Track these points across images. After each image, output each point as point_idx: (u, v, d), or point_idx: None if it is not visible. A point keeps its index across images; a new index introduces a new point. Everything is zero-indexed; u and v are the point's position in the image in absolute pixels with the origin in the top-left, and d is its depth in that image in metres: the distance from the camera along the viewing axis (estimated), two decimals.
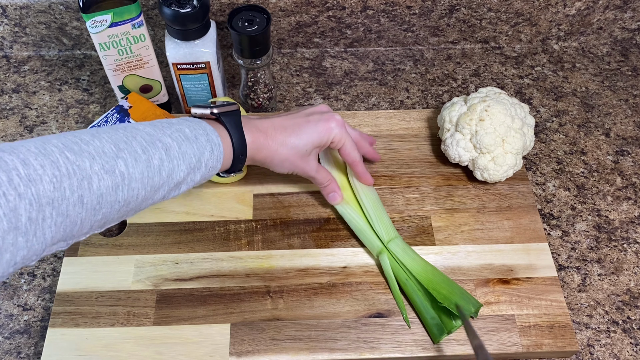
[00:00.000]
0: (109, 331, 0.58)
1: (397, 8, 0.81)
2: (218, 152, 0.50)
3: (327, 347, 0.57)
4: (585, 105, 0.82)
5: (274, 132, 0.56)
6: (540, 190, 0.72)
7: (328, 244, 0.64)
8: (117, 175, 0.42)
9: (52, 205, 0.38)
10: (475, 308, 0.56)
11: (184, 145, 0.47)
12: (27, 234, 0.37)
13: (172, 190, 0.48)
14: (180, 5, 0.63)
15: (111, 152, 0.42)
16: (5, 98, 0.80)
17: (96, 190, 0.40)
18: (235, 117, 0.53)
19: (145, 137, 0.46)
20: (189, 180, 0.48)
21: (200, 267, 0.62)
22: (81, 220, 0.40)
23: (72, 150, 0.40)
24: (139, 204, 0.45)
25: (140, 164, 0.44)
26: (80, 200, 0.40)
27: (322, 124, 0.58)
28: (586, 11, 0.84)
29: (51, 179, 0.38)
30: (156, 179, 0.45)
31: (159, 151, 0.45)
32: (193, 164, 0.48)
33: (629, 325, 0.62)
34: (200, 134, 0.49)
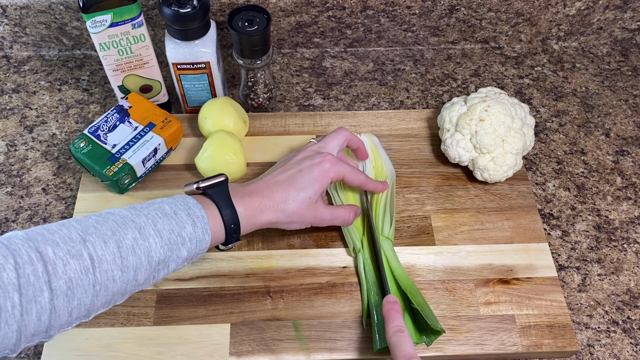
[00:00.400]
0: (108, 331, 0.58)
1: (397, 8, 0.81)
2: (202, 224, 0.49)
3: (327, 347, 0.57)
4: (585, 105, 0.82)
5: (269, 191, 0.54)
6: (540, 190, 0.72)
7: (328, 244, 0.64)
8: (85, 258, 0.42)
9: (20, 291, 0.38)
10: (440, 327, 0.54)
11: (160, 223, 0.46)
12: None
13: (156, 269, 0.47)
14: (180, 5, 0.63)
15: (77, 238, 0.42)
16: (5, 98, 0.80)
17: (62, 275, 0.40)
18: (221, 188, 0.52)
19: (117, 220, 0.45)
20: (175, 256, 0.47)
21: (200, 267, 0.62)
22: (54, 307, 0.40)
23: (35, 240, 0.41)
24: (122, 288, 0.44)
25: (110, 246, 0.43)
26: (48, 285, 0.40)
27: (316, 169, 0.56)
28: (586, 11, 0.84)
29: (14, 266, 0.38)
30: (131, 259, 0.44)
31: (132, 231, 0.45)
32: (173, 240, 0.47)
33: (629, 325, 0.62)
34: (180, 210, 0.48)
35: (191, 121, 0.74)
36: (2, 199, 0.70)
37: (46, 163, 0.73)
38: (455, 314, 0.59)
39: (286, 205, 0.54)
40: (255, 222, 0.54)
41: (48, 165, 0.73)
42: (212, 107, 0.69)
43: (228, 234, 0.51)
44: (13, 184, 0.71)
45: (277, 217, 0.54)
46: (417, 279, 0.62)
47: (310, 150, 0.59)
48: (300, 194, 0.55)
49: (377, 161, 0.68)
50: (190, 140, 0.72)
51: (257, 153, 0.71)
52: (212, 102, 0.69)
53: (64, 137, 0.76)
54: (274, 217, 0.54)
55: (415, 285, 0.59)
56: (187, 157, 0.71)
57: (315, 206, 0.56)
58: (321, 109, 0.80)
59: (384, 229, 0.62)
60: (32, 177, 0.72)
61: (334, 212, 0.58)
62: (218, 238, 0.51)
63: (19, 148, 0.75)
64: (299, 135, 0.73)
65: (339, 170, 0.57)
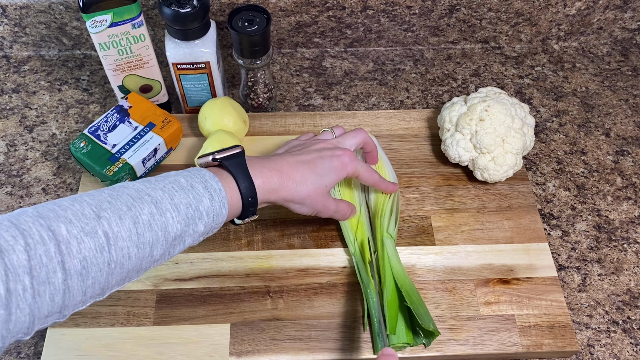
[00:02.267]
0: (108, 331, 0.58)
1: (397, 8, 0.81)
2: (220, 198, 0.47)
3: (327, 347, 0.57)
4: (585, 105, 0.82)
5: (289, 169, 0.54)
6: (540, 190, 0.72)
7: (328, 244, 0.64)
8: (100, 235, 0.40)
9: (31, 274, 0.37)
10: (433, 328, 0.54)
11: (177, 196, 0.45)
12: (9, 306, 0.36)
13: (173, 245, 0.45)
14: (180, 5, 0.63)
15: (91, 214, 0.41)
16: (5, 98, 0.80)
17: (77, 254, 0.39)
18: (239, 160, 0.51)
19: (132, 194, 0.44)
20: (191, 231, 0.46)
21: (200, 267, 0.62)
22: (68, 287, 0.39)
23: (47, 217, 0.40)
24: (137, 265, 0.43)
25: (125, 221, 0.42)
26: (61, 265, 0.38)
27: (336, 160, 0.56)
28: (586, 11, 0.84)
29: (24, 247, 0.37)
30: (147, 235, 0.43)
31: (148, 205, 0.43)
32: (190, 214, 0.45)
33: (629, 325, 0.62)
34: (197, 182, 0.47)
35: (191, 121, 0.74)
36: (2, 199, 0.70)
37: (46, 163, 0.73)
38: (455, 314, 0.59)
39: (304, 187, 0.54)
40: (270, 197, 0.53)
41: (48, 165, 0.73)
42: (212, 107, 0.69)
43: (245, 207, 0.50)
44: (13, 184, 0.71)
45: (292, 196, 0.54)
46: (417, 279, 0.62)
47: (330, 142, 0.59)
48: (318, 180, 0.55)
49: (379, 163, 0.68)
50: (190, 140, 0.72)
51: (257, 153, 0.71)
52: (212, 102, 0.69)
53: (64, 137, 0.76)
54: (289, 196, 0.54)
55: (413, 285, 0.59)
56: (187, 157, 0.71)
57: (327, 195, 0.57)
58: (321, 109, 0.80)
59: (389, 227, 0.62)
60: (32, 177, 0.72)
61: (338, 205, 0.59)
62: (235, 211, 0.50)
63: (19, 148, 0.75)
64: (299, 135, 0.73)
65: (357, 167, 0.58)
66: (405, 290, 0.57)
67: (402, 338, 0.55)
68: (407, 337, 0.56)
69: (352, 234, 0.63)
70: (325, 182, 0.55)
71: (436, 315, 0.59)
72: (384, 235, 0.61)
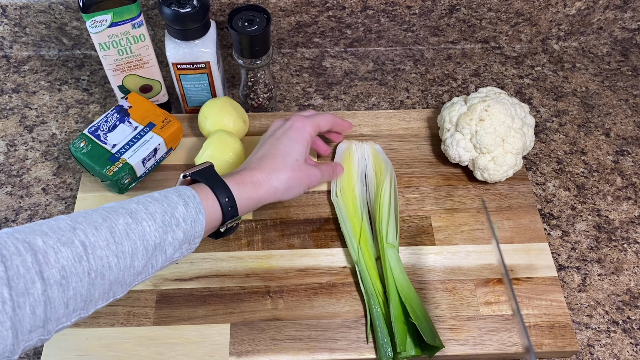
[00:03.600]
0: (108, 331, 0.58)
1: (397, 8, 0.81)
2: (194, 203, 0.48)
3: (327, 347, 0.57)
4: (585, 105, 0.82)
5: (257, 165, 0.55)
6: (540, 190, 0.72)
7: (328, 244, 0.64)
8: (77, 245, 0.40)
9: (9, 285, 0.36)
10: (438, 343, 0.54)
11: (152, 206, 0.46)
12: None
13: (153, 255, 0.45)
14: (180, 5, 0.63)
15: (67, 227, 0.41)
16: (5, 98, 0.80)
17: (55, 264, 0.39)
18: (208, 169, 0.52)
19: (106, 209, 0.45)
20: (170, 239, 0.46)
21: (200, 267, 0.62)
22: (49, 298, 0.38)
23: (22, 232, 0.40)
24: (120, 277, 0.43)
25: (101, 231, 0.42)
26: (40, 275, 0.38)
27: (291, 131, 0.58)
28: (586, 11, 0.84)
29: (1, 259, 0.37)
30: (125, 244, 0.43)
31: (123, 216, 0.44)
32: (167, 221, 0.45)
33: (629, 325, 0.62)
34: (170, 193, 0.48)
35: (191, 121, 0.74)
36: (2, 199, 0.70)
37: (46, 163, 0.73)
38: (455, 314, 0.59)
39: (279, 173, 0.55)
40: (252, 197, 0.53)
41: (48, 165, 0.73)
42: (212, 107, 0.69)
43: (224, 210, 0.50)
44: (13, 184, 0.71)
45: (274, 186, 0.54)
46: (417, 279, 0.62)
47: (276, 122, 0.61)
48: (287, 159, 0.56)
49: (377, 164, 0.68)
50: (190, 140, 0.72)
51: None
52: (212, 102, 0.69)
53: (63, 137, 0.76)
54: (271, 188, 0.54)
55: (417, 297, 0.58)
56: (187, 157, 0.71)
57: (306, 166, 0.58)
58: (321, 108, 0.80)
59: (388, 236, 0.62)
60: (32, 177, 0.72)
61: (320, 167, 0.60)
62: (214, 217, 0.50)
63: (19, 148, 0.75)
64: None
65: (313, 122, 0.59)
66: (409, 304, 0.57)
67: (410, 351, 0.55)
68: (415, 351, 0.55)
69: (355, 241, 0.62)
70: (294, 157, 0.56)
71: (436, 315, 0.59)
72: (385, 245, 0.61)
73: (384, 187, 0.65)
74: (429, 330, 0.55)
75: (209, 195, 0.50)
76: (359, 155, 0.69)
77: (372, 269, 0.60)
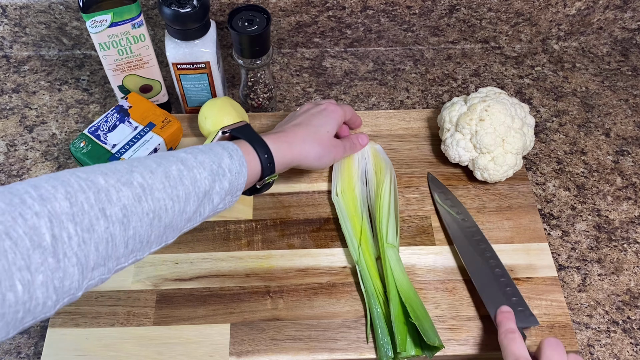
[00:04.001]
0: (108, 331, 0.58)
1: (397, 8, 0.81)
2: (238, 156, 0.50)
3: (327, 347, 0.57)
4: (585, 105, 0.82)
5: (291, 131, 0.58)
6: (540, 190, 0.72)
7: (328, 244, 0.64)
8: (136, 186, 0.41)
9: (74, 220, 0.37)
10: (438, 343, 0.54)
11: (200, 156, 0.47)
12: (56, 254, 0.36)
13: (203, 201, 0.46)
14: (180, 5, 0.63)
15: (124, 169, 0.42)
16: (5, 98, 0.80)
17: (117, 202, 0.40)
18: (245, 127, 0.55)
19: (158, 156, 0.46)
20: (218, 188, 0.47)
21: (200, 267, 0.62)
22: (111, 235, 0.39)
23: (83, 171, 0.40)
24: (174, 219, 0.44)
25: (157, 175, 0.43)
26: (103, 212, 0.39)
27: (325, 111, 0.62)
28: (586, 11, 0.84)
29: (65, 195, 0.37)
30: (180, 189, 0.44)
31: (175, 163, 0.45)
32: (215, 170, 0.47)
33: (629, 325, 0.62)
34: (214, 146, 0.50)
35: (191, 121, 0.74)
36: None
37: (46, 163, 0.73)
38: (456, 314, 0.59)
39: (312, 140, 0.58)
40: (287, 155, 0.55)
41: (48, 165, 0.73)
42: (212, 107, 0.69)
43: (263, 165, 0.52)
44: None
45: (306, 150, 0.58)
46: (417, 279, 0.62)
47: (308, 104, 0.65)
48: (320, 129, 0.60)
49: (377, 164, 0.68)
50: (190, 140, 0.72)
51: None
52: (212, 102, 0.69)
53: (63, 137, 0.76)
54: (304, 151, 0.57)
55: (417, 297, 0.58)
56: None
57: (335, 140, 0.62)
58: None
59: (388, 236, 0.61)
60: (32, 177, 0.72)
61: (344, 142, 0.65)
62: (254, 171, 0.52)
63: (19, 148, 0.75)
64: None
65: (342, 108, 0.65)
66: (409, 304, 0.57)
67: (410, 351, 0.55)
68: (415, 351, 0.55)
69: (355, 241, 0.62)
70: (326, 129, 0.60)
71: (436, 315, 0.59)
72: (385, 245, 0.61)
73: (384, 187, 0.65)
74: (429, 330, 0.55)
75: (250, 151, 0.52)
76: (359, 155, 0.69)
77: (372, 268, 0.60)
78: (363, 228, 0.63)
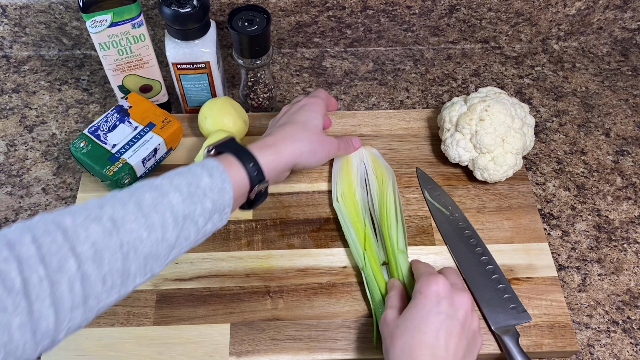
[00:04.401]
0: (108, 331, 0.58)
1: (397, 8, 0.81)
2: (219, 172, 0.48)
3: (327, 347, 0.57)
4: (585, 105, 0.82)
5: (278, 132, 0.56)
6: (540, 190, 0.72)
7: (328, 244, 0.64)
8: (106, 220, 0.41)
9: (43, 262, 0.37)
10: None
11: (177, 179, 0.46)
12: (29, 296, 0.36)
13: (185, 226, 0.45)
14: (180, 5, 0.63)
15: (94, 206, 0.42)
16: (5, 98, 0.80)
17: (85, 240, 0.39)
18: (230, 141, 0.53)
19: (132, 187, 0.45)
20: (200, 210, 0.45)
21: (200, 267, 0.62)
22: (84, 274, 0.38)
23: (49, 214, 0.40)
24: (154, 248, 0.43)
25: (129, 206, 0.42)
26: (72, 251, 0.38)
27: (307, 106, 0.60)
28: (586, 11, 0.84)
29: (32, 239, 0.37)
30: (154, 217, 0.43)
31: (149, 191, 0.44)
32: (192, 192, 0.45)
33: (629, 325, 0.62)
34: (193, 166, 0.48)
35: (191, 121, 0.74)
36: (2, 199, 0.70)
37: (46, 163, 0.73)
38: None
39: (302, 135, 0.56)
40: (277, 159, 0.53)
41: (48, 165, 0.73)
42: (212, 107, 0.69)
43: (250, 174, 0.50)
44: (13, 184, 0.71)
45: (299, 147, 0.55)
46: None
47: (285, 107, 0.63)
48: (307, 124, 0.58)
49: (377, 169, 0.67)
50: (190, 140, 0.72)
51: None
52: (212, 102, 0.69)
53: (63, 137, 0.76)
54: (296, 149, 0.55)
55: None
56: (187, 157, 0.71)
57: (324, 134, 0.60)
58: None
59: (398, 243, 0.61)
60: (32, 177, 0.72)
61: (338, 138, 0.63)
62: (241, 183, 0.50)
63: (19, 148, 0.75)
64: None
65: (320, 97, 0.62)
66: None
67: None
68: None
69: (360, 248, 0.62)
70: (314, 123, 0.58)
71: None
72: (396, 251, 0.60)
73: (387, 193, 0.65)
74: None
75: (233, 163, 0.50)
76: (357, 160, 0.68)
77: (378, 274, 0.60)
78: (367, 234, 0.62)
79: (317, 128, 0.58)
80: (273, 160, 0.53)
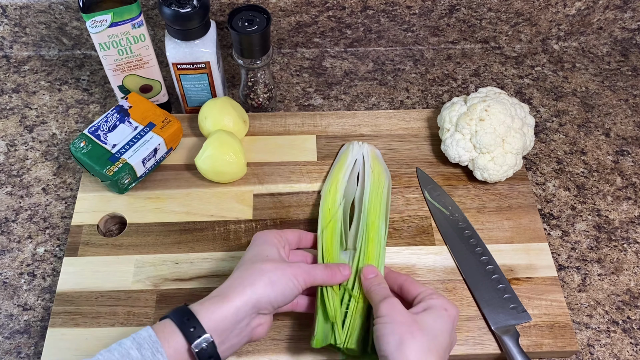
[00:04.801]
0: (109, 331, 0.58)
1: (397, 8, 0.81)
2: (150, 343, 0.45)
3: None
4: (585, 105, 0.82)
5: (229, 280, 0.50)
6: (540, 190, 0.72)
7: None
8: None
9: None
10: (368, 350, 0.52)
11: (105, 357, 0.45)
12: None
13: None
14: (180, 5, 0.63)
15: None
16: (5, 98, 0.80)
17: None
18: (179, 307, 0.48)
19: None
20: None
21: (200, 267, 0.62)
22: None
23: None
24: None
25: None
26: None
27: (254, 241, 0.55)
28: (586, 11, 0.84)
29: None
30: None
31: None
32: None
33: (629, 325, 0.62)
34: (127, 339, 0.46)
35: (191, 121, 0.74)
36: (2, 199, 0.70)
37: (46, 163, 0.73)
38: None
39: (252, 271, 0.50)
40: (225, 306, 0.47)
41: (48, 165, 0.73)
42: (212, 107, 0.69)
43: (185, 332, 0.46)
44: (13, 184, 0.71)
45: (250, 283, 0.49)
46: (417, 279, 0.61)
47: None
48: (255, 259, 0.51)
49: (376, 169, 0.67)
50: (190, 140, 0.72)
51: (257, 153, 0.71)
52: (212, 102, 0.70)
53: (64, 137, 0.76)
54: (247, 285, 0.48)
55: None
56: (187, 157, 0.71)
57: (286, 261, 0.53)
58: (321, 108, 0.80)
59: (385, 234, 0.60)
60: (32, 177, 0.72)
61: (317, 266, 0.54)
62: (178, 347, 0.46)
63: (19, 148, 0.75)
64: (299, 135, 0.73)
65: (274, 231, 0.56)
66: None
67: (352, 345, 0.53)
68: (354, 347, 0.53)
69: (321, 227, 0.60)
70: (265, 254, 0.52)
71: None
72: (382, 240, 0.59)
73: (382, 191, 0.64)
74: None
75: (168, 325, 0.46)
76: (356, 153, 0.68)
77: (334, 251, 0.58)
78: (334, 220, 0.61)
79: (268, 258, 0.51)
80: (218, 309, 0.47)
